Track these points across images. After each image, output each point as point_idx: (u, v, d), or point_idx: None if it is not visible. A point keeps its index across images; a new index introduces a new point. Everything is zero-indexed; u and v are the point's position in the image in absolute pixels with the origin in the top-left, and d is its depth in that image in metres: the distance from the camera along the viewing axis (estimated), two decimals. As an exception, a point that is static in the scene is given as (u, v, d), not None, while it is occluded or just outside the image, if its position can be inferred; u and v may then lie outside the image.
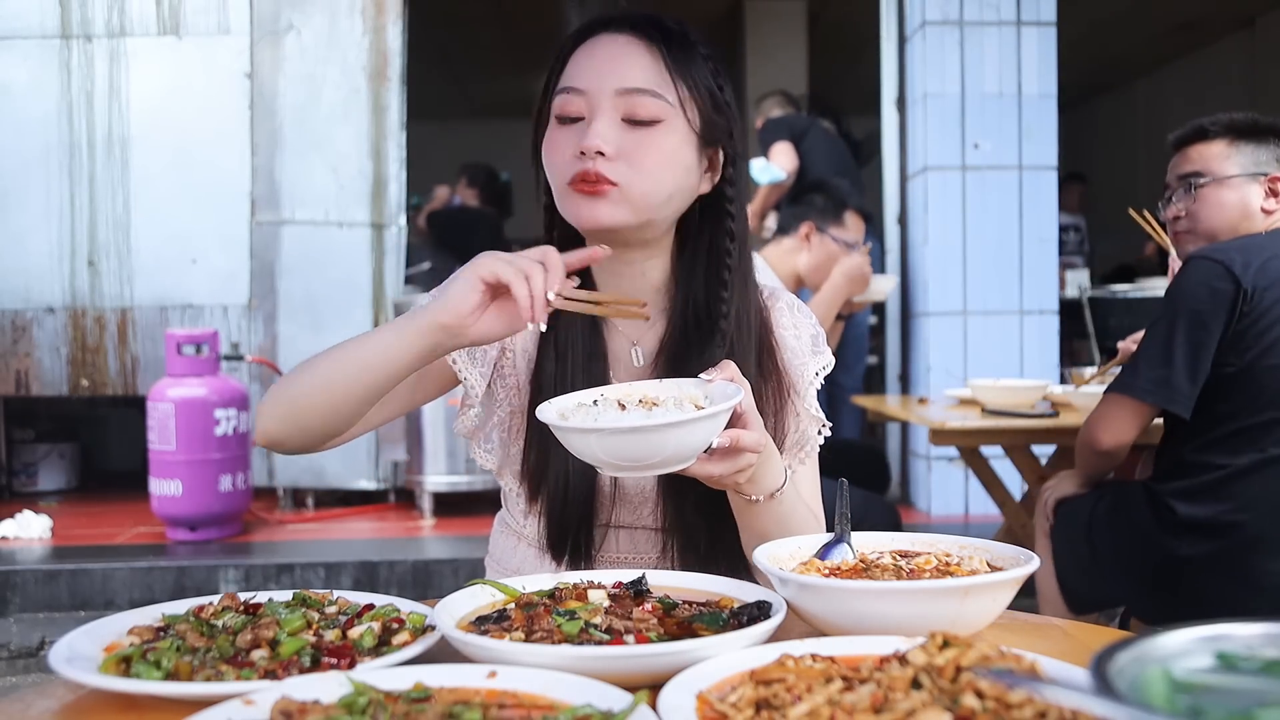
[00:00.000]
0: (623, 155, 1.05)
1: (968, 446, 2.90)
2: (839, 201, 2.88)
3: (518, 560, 1.22)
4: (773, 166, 4.58)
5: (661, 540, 1.15)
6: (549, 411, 0.94)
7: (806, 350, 1.18)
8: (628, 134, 1.06)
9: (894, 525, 2.59)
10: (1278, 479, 1.75)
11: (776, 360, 1.16)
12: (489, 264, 0.93)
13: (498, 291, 0.94)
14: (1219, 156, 1.92)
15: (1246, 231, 1.89)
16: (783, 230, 2.94)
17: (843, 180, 3.21)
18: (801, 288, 2.97)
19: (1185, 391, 1.82)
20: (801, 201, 2.95)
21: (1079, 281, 5.40)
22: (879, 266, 4.68)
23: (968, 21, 4.21)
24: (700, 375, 0.96)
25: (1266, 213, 1.90)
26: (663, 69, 1.07)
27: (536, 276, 0.92)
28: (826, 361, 1.18)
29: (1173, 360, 1.82)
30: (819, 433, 1.17)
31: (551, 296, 0.92)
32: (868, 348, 4.54)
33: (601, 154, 1.04)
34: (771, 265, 2.88)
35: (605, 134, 1.05)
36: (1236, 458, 1.78)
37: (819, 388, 1.17)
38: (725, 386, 0.93)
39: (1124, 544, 1.91)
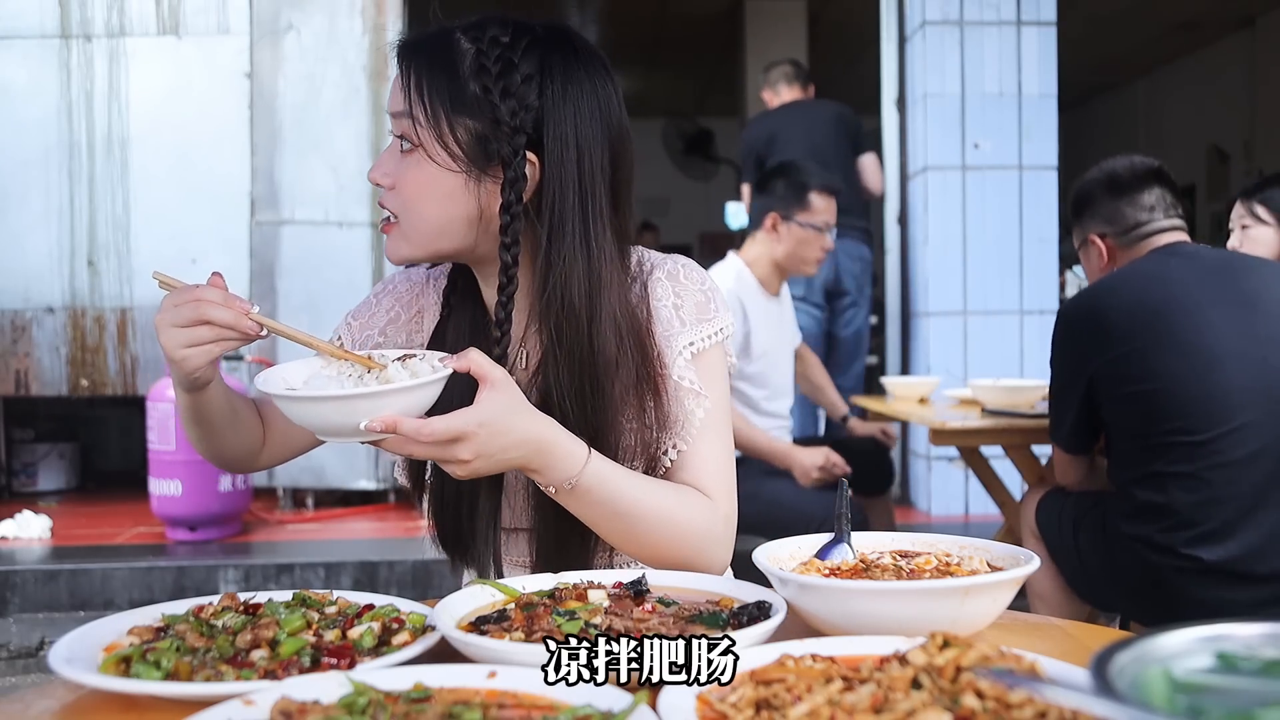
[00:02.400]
0: (395, 186, 1.06)
1: (968, 446, 2.90)
2: (799, 185, 2.78)
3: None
4: (742, 211, 4.55)
5: (532, 541, 1.13)
6: (273, 379, 0.95)
7: (685, 320, 1.10)
8: (399, 163, 1.05)
9: (862, 525, 2.58)
10: (1184, 494, 1.78)
11: (647, 340, 1.09)
12: (169, 317, 0.99)
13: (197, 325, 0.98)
14: (1075, 235, 2.18)
15: None
16: (754, 225, 2.86)
17: (806, 162, 3.00)
18: (786, 277, 2.91)
19: (1061, 427, 2.01)
20: (765, 191, 2.85)
21: (1079, 281, 5.39)
22: (877, 266, 4.68)
23: (968, 21, 4.21)
24: (439, 359, 0.94)
25: (1102, 268, 2.09)
26: (412, 93, 1.02)
27: (210, 294, 0.97)
28: (711, 330, 1.11)
29: (1054, 401, 2.03)
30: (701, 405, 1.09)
31: (254, 311, 0.97)
32: (867, 348, 4.54)
33: (380, 185, 1.07)
34: (749, 264, 2.81)
35: (384, 164, 1.06)
36: (1131, 470, 1.88)
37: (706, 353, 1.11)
38: (420, 365, 0.93)
39: (1107, 555, 1.93)
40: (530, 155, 1.03)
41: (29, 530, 3.81)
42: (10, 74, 4.34)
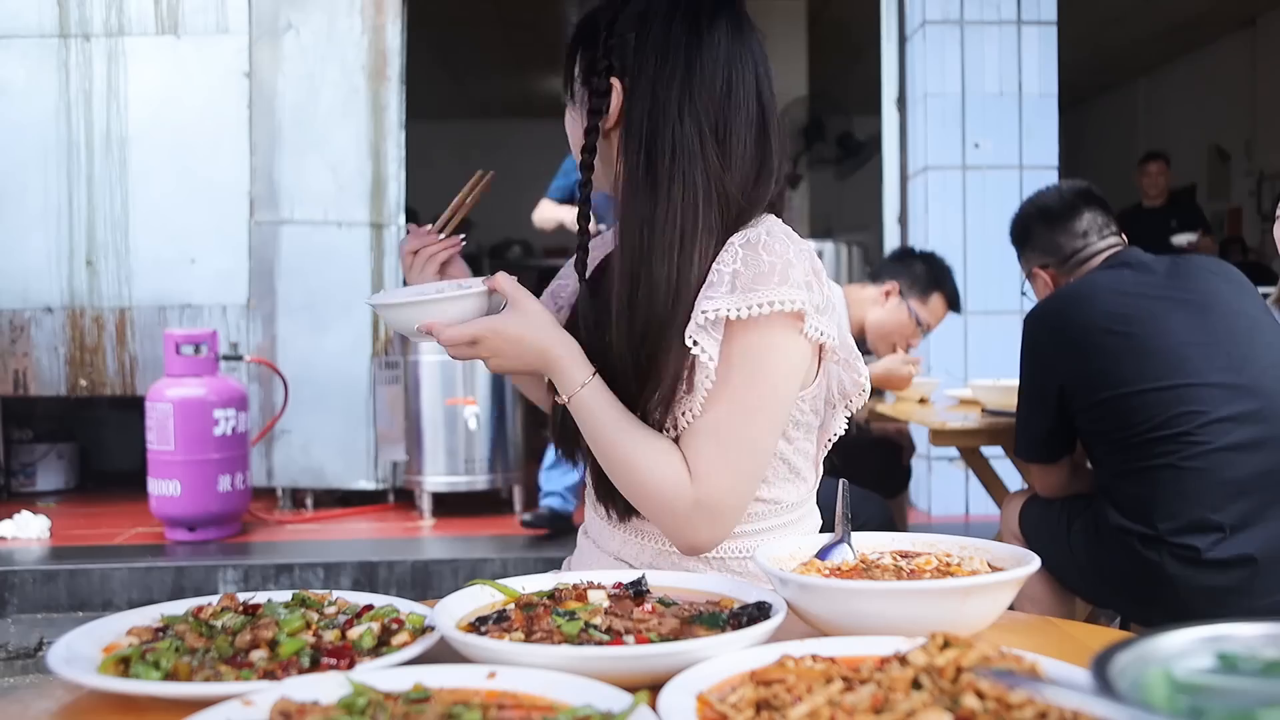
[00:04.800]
0: None
1: (968, 447, 2.90)
2: (934, 278, 2.89)
3: (601, 533, 1.23)
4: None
5: None
6: (386, 292, 1.17)
7: (737, 286, 1.02)
8: None
9: (887, 524, 2.58)
10: (1167, 486, 1.81)
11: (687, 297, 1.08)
12: (413, 277, 1.26)
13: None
14: (1021, 266, 2.26)
15: None
16: (874, 277, 2.96)
17: (949, 269, 3.10)
18: (861, 336, 2.95)
19: (1031, 439, 2.02)
20: (903, 259, 2.96)
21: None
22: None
23: (968, 21, 4.21)
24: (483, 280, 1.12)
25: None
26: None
27: (412, 243, 1.25)
28: (761, 299, 1.01)
29: (1025, 412, 2.03)
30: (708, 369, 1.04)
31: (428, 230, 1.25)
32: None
33: None
34: (850, 303, 2.89)
35: None
36: (1113, 468, 1.90)
37: (711, 320, 1.03)
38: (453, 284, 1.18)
39: (1100, 551, 1.94)
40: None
41: (28, 530, 3.81)
42: (9, 73, 4.34)
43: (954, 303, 2.95)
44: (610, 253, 1.14)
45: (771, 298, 1.02)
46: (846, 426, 1.21)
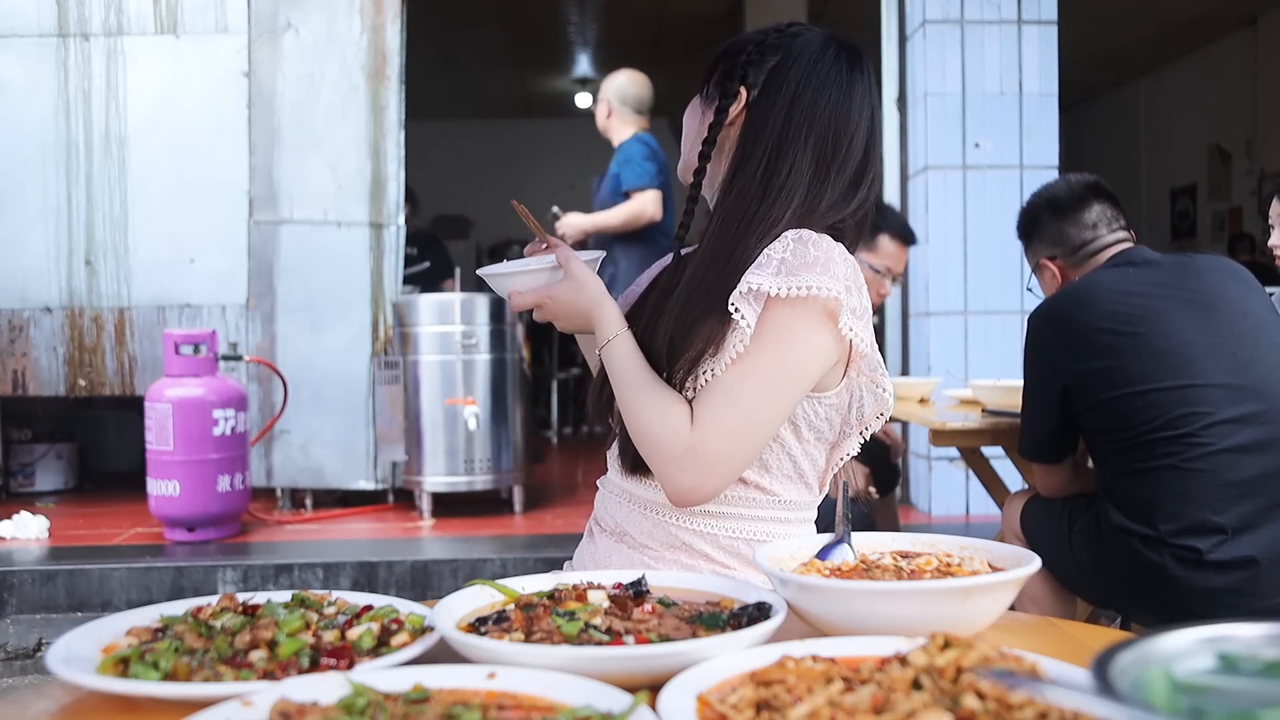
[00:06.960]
0: None
1: (968, 447, 2.90)
2: (873, 224, 2.75)
3: (608, 508, 1.30)
4: None
5: None
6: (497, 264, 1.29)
7: (781, 269, 1.12)
8: None
9: (868, 525, 2.57)
10: (1169, 487, 1.81)
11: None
12: None
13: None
14: (1028, 258, 2.26)
15: None
16: None
17: (889, 205, 3.04)
18: None
19: (1035, 438, 2.03)
20: None
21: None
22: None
23: (968, 20, 4.21)
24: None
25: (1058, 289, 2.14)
26: None
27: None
28: (801, 283, 1.10)
29: (1029, 411, 2.04)
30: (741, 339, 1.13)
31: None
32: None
33: None
34: None
35: None
36: (1115, 468, 1.90)
37: (751, 290, 1.13)
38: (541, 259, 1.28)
39: (1101, 551, 1.94)
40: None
41: (27, 531, 3.81)
42: (7, 73, 4.34)
43: (903, 236, 2.82)
44: (664, 269, 1.32)
45: (811, 283, 1.11)
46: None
